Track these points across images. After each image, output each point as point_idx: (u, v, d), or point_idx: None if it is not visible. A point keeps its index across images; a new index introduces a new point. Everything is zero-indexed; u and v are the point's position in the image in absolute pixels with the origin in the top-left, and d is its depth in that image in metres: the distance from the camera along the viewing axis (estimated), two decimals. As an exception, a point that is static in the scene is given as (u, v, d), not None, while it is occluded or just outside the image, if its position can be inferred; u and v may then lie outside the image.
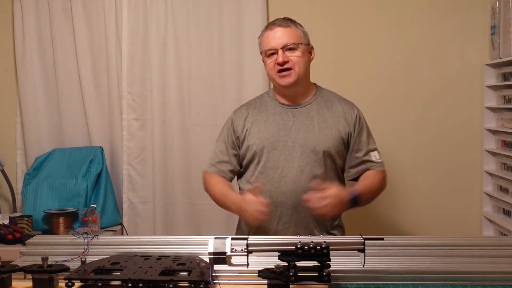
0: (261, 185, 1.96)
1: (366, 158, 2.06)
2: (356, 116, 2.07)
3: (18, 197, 3.00)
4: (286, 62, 1.99)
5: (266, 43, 2.04)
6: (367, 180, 2.02)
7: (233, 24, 2.90)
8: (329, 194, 1.81)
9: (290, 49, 2.00)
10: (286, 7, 2.86)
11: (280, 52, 1.99)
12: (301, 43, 2.02)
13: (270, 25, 2.06)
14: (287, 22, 2.05)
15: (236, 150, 2.12)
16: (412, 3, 2.88)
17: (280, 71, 2.00)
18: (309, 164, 1.99)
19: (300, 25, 2.08)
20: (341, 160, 2.06)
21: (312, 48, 2.10)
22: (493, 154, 2.83)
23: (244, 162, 2.10)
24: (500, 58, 2.67)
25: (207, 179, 2.13)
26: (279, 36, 2.01)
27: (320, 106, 2.08)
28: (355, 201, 1.91)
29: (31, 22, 2.98)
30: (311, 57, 2.10)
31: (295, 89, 2.05)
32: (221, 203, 2.06)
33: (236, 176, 2.17)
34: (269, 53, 2.03)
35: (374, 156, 2.07)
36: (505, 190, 2.68)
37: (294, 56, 2.00)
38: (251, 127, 2.08)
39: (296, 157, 2.00)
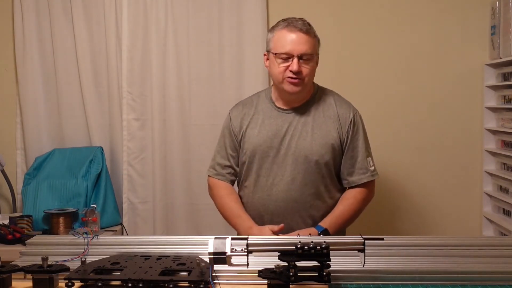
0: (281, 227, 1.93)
1: (362, 165, 2.02)
2: (351, 120, 2.02)
3: (18, 197, 3.00)
4: (300, 72, 1.92)
5: (282, 45, 1.92)
6: (341, 206, 2.01)
7: (233, 24, 2.90)
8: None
9: (306, 59, 1.92)
10: (286, 7, 2.86)
11: (295, 60, 1.90)
12: (316, 54, 1.96)
13: (290, 26, 1.92)
14: (308, 28, 1.94)
15: (235, 151, 2.10)
16: (412, 4, 2.88)
17: (290, 77, 1.93)
18: (300, 173, 1.98)
19: (315, 32, 1.99)
20: (338, 167, 2.04)
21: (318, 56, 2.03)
22: (493, 154, 2.83)
23: (239, 166, 2.10)
24: (500, 58, 2.67)
25: (213, 188, 2.13)
26: (299, 43, 1.90)
27: (317, 109, 2.03)
28: (326, 233, 1.92)
29: (31, 22, 2.98)
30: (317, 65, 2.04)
31: (298, 96, 2.02)
32: (230, 221, 2.07)
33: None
34: (283, 56, 1.93)
35: (368, 163, 2.04)
36: (505, 190, 2.68)
37: (307, 68, 1.93)
38: (246, 130, 2.06)
39: (288, 165, 1.99)
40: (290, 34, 1.92)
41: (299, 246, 1.33)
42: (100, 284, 1.35)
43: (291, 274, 1.32)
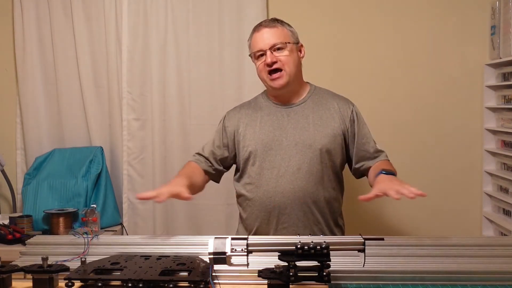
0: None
1: (375, 149, 2.06)
2: (352, 111, 2.07)
3: (18, 197, 3.00)
4: (275, 62, 1.99)
5: (255, 45, 2.04)
6: (379, 163, 2.03)
7: (233, 24, 2.90)
8: (393, 186, 1.78)
9: (278, 49, 2.00)
10: (286, 7, 2.87)
11: (268, 52, 1.99)
12: (289, 42, 2.01)
13: (257, 27, 2.06)
14: (274, 22, 2.05)
15: (221, 152, 2.11)
16: (412, 3, 2.88)
17: (270, 72, 2.00)
18: (305, 162, 1.99)
19: (288, 24, 2.07)
20: (339, 157, 2.05)
21: (301, 46, 2.09)
22: (493, 154, 2.83)
23: (241, 164, 2.10)
24: (500, 58, 2.67)
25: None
26: (266, 37, 2.00)
27: (315, 103, 2.07)
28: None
29: (31, 22, 2.98)
30: (301, 55, 2.09)
31: (287, 90, 2.05)
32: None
33: (233, 179, 2.17)
34: (258, 55, 2.03)
35: (378, 148, 2.09)
36: (505, 190, 2.68)
37: (283, 56, 1.99)
38: (246, 129, 2.07)
39: (293, 155, 2.00)
40: (258, 34, 2.04)
41: (299, 246, 1.33)
42: (100, 284, 1.36)
43: (291, 274, 1.32)
